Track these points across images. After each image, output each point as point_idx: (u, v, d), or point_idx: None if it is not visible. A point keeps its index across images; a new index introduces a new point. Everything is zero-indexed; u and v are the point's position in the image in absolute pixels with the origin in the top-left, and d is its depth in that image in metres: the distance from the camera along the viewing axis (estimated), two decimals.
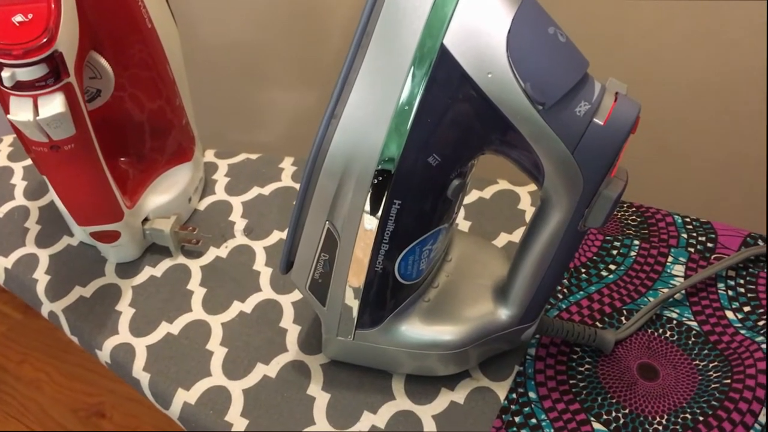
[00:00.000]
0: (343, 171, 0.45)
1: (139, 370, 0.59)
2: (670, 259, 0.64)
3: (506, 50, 0.40)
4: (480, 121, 0.43)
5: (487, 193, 0.73)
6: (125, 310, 0.63)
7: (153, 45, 0.59)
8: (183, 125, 0.66)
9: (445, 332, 0.54)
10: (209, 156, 0.80)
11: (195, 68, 0.72)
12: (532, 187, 0.73)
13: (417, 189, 0.45)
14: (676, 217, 0.68)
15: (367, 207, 0.46)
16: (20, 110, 0.50)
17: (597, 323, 0.60)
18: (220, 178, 0.77)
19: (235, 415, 0.55)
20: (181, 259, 0.68)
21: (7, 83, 0.49)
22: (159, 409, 0.59)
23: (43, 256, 0.69)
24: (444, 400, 0.55)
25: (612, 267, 0.64)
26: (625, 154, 0.44)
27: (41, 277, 0.67)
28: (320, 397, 0.56)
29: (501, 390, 0.56)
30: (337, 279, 0.50)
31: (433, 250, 0.51)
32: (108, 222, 0.61)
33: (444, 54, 0.40)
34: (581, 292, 0.62)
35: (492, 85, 0.41)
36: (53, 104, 0.50)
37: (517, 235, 0.68)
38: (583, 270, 0.64)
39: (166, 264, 0.68)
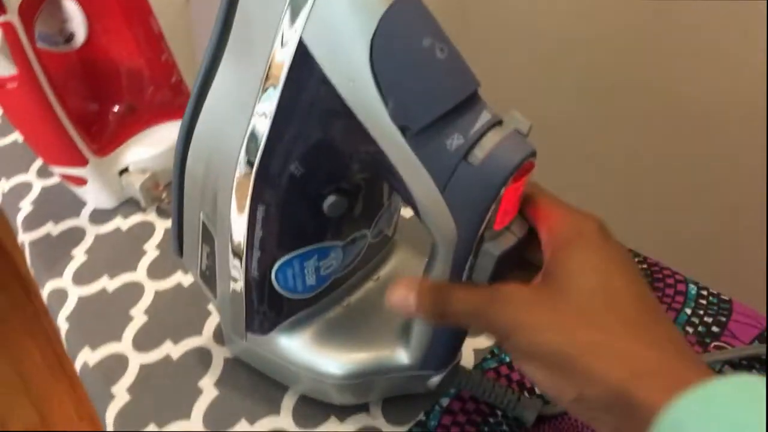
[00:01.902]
0: (207, 162, 0.40)
1: (63, 318, 0.59)
2: None
3: (369, 56, 0.33)
4: (345, 134, 0.37)
5: None
6: (78, 255, 0.63)
7: None
8: (172, 83, 0.64)
9: (331, 358, 0.48)
10: None
11: None
12: None
13: (282, 198, 0.40)
14: (691, 286, 0.56)
15: (233, 206, 0.41)
16: None
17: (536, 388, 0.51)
18: None
19: (121, 388, 0.53)
20: (152, 217, 0.67)
21: None
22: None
23: (37, 186, 0.71)
24: (328, 428, 0.50)
25: None
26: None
27: (26, 206, 0.69)
28: (207, 393, 0.52)
29: None
30: (221, 275, 0.46)
31: (324, 267, 0.45)
32: (69, 165, 0.61)
33: (303, 50, 0.34)
34: None
35: (354, 96, 0.34)
36: None
37: None
38: None
39: (136, 218, 0.67)
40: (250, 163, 0.38)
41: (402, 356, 0.46)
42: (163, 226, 0.65)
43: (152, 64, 0.62)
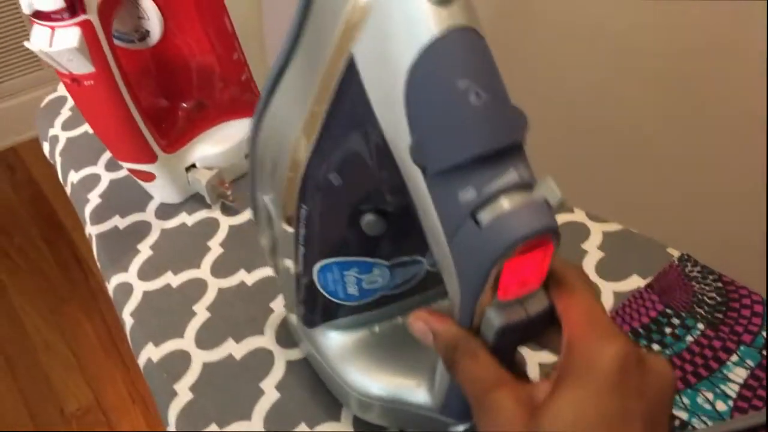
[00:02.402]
0: (271, 154, 0.41)
1: (128, 313, 0.59)
2: (734, 357, 0.51)
3: (405, 84, 0.31)
4: (378, 155, 0.36)
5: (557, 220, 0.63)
6: (144, 250, 0.64)
7: None
8: (242, 81, 0.64)
9: (357, 370, 0.47)
10: None
11: None
12: (612, 226, 0.62)
13: (322, 204, 0.40)
14: None
15: (285, 201, 0.41)
16: (37, 39, 0.50)
17: None
18: None
19: (184, 386, 0.54)
20: (217, 214, 0.67)
21: (25, 9, 0.50)
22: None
23: (106, 179, 0.72)
24: None
25: (655, 347, 0.52)
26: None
27: (93, 199, 0.70)
28: (269, 394, 0.52)
29: None
30: (280, 255, 0.47)
31: (367, 282, 0.45)
32: (138, 162, 0.61)
33: (351, 63, 0.33)
34: None
35: (386, 120, 0.33)
36: (67, 38, 0.50)
37: None
38: None
39: (201, 215, 0.67)
40: (298, 162, 0.38)
41: (422, 393, 0.45)
42: (227, 223, 0.66)
43: (224, 63, 0.62)
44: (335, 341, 0.48)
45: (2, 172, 2.17)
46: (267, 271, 0.61)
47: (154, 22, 0.57)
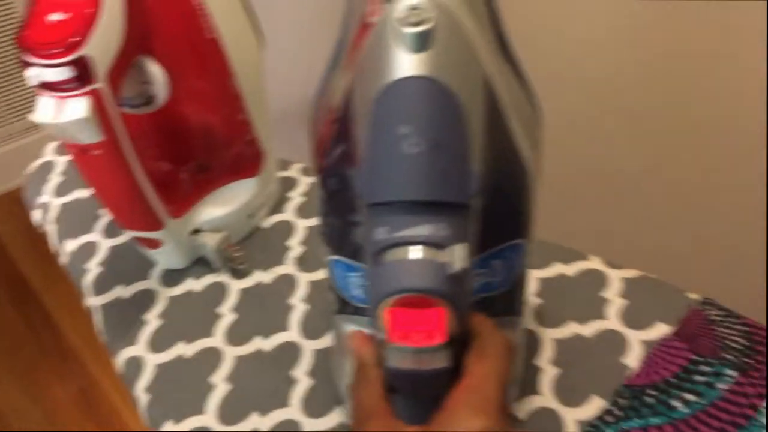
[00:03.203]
0: None
1: (142, 388, 0.57)
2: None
3: (369, 116, 0.34)
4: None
5: (572, 269, 0.63)
6: (152, 320, 0.62)
7: (213, 56, 0.56)
8: (247, 141, 0.63)
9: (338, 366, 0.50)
10: (294, 170, 0.76)
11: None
12: (629, 272, 0.61)
13: (328, 201, 0.43)
14: None
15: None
16: (42, 111, 0.48)
17: None
18: (296, 197, 0.73)
19: None
20: (224, 278, 0.65)
21: (32, 81, 0.48)
22: None
23: (104, 246, 0.69)
24: None
25: (689, 398, 0.52)
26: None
27: (93, 268, 0.67)
28: None
29: None
30: None
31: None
32: (144, 229, 0.59)
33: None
34: (637, 420, 0.51)
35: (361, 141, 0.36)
36: (76, 109, 0.48)
37: (589, 327, 0.57)
38: (652, 392, 0.52)
39: (209, 279, 0.65)
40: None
41: None
42: (237, 287, 0.64)
43: (228, 124, 0.61)
44: (346, 334, 0.49)
45: None
46: (282, 337, 0.59)
47: (159, 86, 0.56)
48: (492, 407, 0.35)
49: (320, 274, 0.64)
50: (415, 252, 0.33)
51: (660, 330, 0.57)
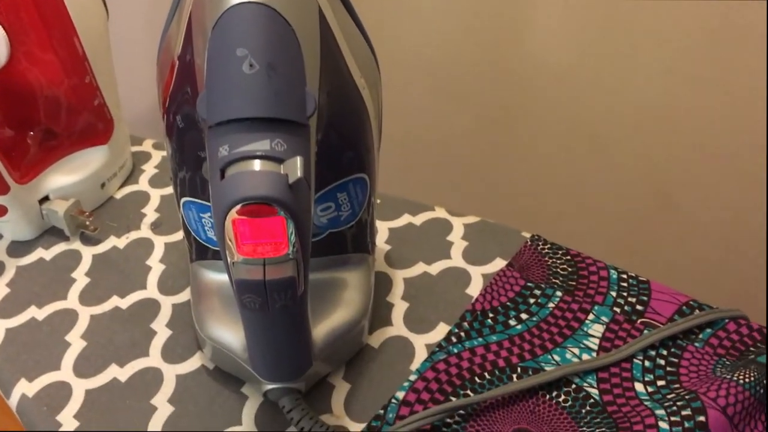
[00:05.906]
0: None
1: None
2: (590, 316, 0.57)
3: (208, 42, 0.36)
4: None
5: (419, 219, 0.67)
6: (1, 289, 0.60)
7: (56, 16, 0.56)
8: (94, 106, 0.63)
9: (207, 309, 0.50)
10: (147, 146, 0.76)
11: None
12: (471, 218, 0.67)
13: (175, 141, 0.44)
14: (612, 271, 0.61)
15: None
16: None
17: (486, 374, 0.53)
18: (149, 169, 0.73)
19: (68, 415, 0.51)
20: (77, 245, 0.64)
21: None
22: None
23: None
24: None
25: (523, 317, 0.57)
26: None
27: None
28: (163, 408, 0.51)
29: None
30: None
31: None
32: None
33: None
34: (480, 339, 0.56)
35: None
36: None
37: (436, 267, 0.62)
38: (491, 315, 0.57)
39: (60, 248, 0.64)
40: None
41: (241, 345, 0.48)
42: (90, 253, 0.63)
43: (75, 87, 0.61)
44: (203, 279, 0.50)
45: None
46: (140, 295, 0.59)
47: (1, 46, 0.55)
48: None
49: (177, 236, 0.65)
50: (255, 165, 0.35)
51: (498, 264, 0.62)
